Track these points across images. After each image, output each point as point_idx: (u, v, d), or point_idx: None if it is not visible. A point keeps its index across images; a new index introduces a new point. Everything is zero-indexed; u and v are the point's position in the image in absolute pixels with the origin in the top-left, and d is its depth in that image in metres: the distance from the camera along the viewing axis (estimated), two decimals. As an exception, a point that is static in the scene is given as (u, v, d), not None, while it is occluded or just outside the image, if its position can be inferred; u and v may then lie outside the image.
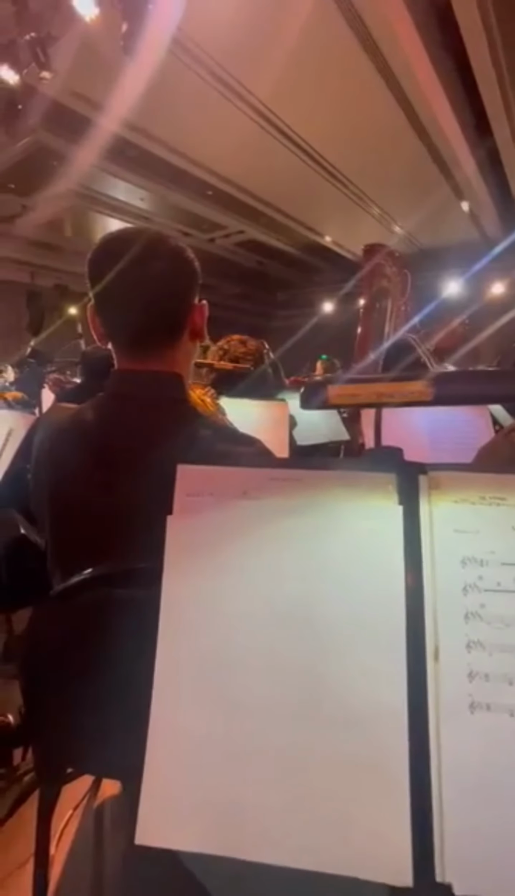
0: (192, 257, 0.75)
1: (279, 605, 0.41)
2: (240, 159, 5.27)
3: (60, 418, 0.77)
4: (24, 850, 1.08)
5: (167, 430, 0.69)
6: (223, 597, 0.43)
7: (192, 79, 3.88)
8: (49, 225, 7.21)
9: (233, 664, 0.41)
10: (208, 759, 0.39)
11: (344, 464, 0.44)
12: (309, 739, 0.38)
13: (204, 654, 0.41)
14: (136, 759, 0.76)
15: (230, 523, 0.45)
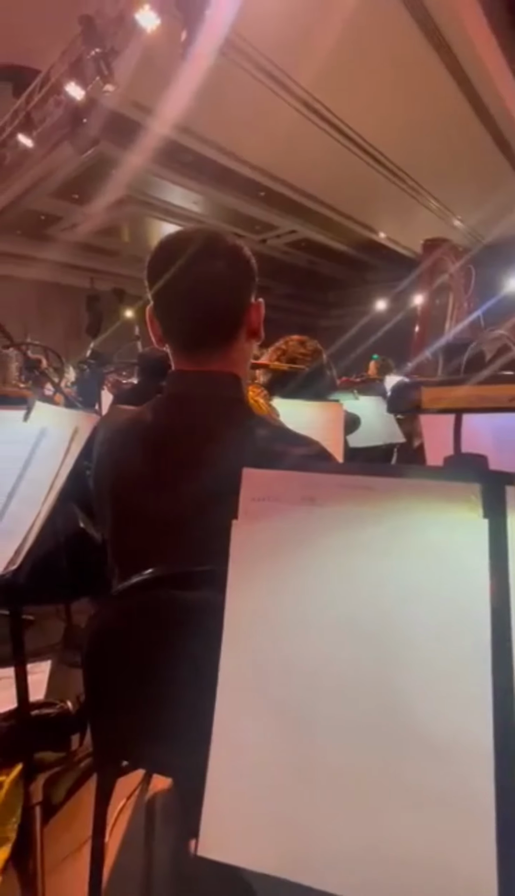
0: (249, 255, 0.74)
1: (351, 620, 0.39)
2: (292, 158, 5.24)
3: (120, 420, 0.79)
4: (80, 834, 1.13)
5: (224, 431, 0.68)
6: (291, 607, 0.41)
7: (244, 78, 3.89)
8: (108, 231, 7.54)
9: (301, 679, 0.39)
10: (273, 775, 0.38)
11: (420, 472, 0.41)
12: (381, 766, 0.35)
13: (270, 666, 0.40)
14: (188, 761, 0.77)
15: (297, 530, 0.43)
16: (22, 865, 1.07)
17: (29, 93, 4.06)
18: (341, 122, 4.60)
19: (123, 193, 6.22)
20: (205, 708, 0.51)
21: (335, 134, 4.79)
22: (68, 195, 6.11)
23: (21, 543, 0.94)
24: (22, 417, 1.16)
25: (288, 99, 4.23)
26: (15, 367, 2.62)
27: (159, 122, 4.53)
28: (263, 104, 4.24)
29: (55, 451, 1.02)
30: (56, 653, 1.81)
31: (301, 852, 0.36)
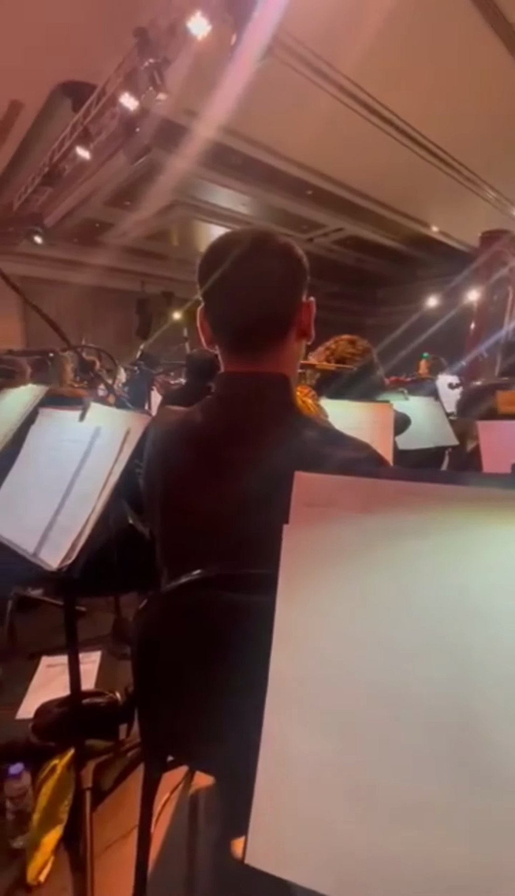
0: (301, 254, 0.72)
1: (409, 634, 0.37)
2: (341, 154, 5.16)
3: (170, 420, 0.80)
4: (126, 822, 1.16)
5: (272, 433, 0.68)
6: (344, 618, 0.40)
7: (290, 75, 3.84)
8: (157, 236, 7.75)
9: (355, 694, 0.38)
10: (324, 790, 0.37)
11: (488, 480, 0.39)
12: (446, 793, 0.34)
13: (321, 678, 0.39)
14: (232, 763, 0.77)
15: (352, 539, 0.42)
16: (73, 847, 1.11)
17: (86, 107, 4.24)
18: (391, 112, 4.46)
19: (173, 198, 6.36)
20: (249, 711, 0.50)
21: (385, 126, 4.65)
22: (120, 202, 6.33)
23: (76, 539, 0.98)
24: (78, 417, 1.21)
25: (336, 93, 4.15)
26: (71, 368, 2.75)
27: (207, 126, 4.59)
28: (310, 100, 4.19)
29: (108, 450, 1.06)
30: (105, 644, 1.88)
31: (360, 877, 0.34)
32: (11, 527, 1.14)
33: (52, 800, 1.17)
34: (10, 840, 1.10)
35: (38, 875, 1.04)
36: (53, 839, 1.11)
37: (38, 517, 1.07)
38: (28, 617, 2.03)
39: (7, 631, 1.87)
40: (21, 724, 1.43)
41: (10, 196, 6.12)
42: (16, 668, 1.73)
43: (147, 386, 2.78)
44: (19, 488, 1.24)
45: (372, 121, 4.56)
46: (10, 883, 1.04)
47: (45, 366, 2.65)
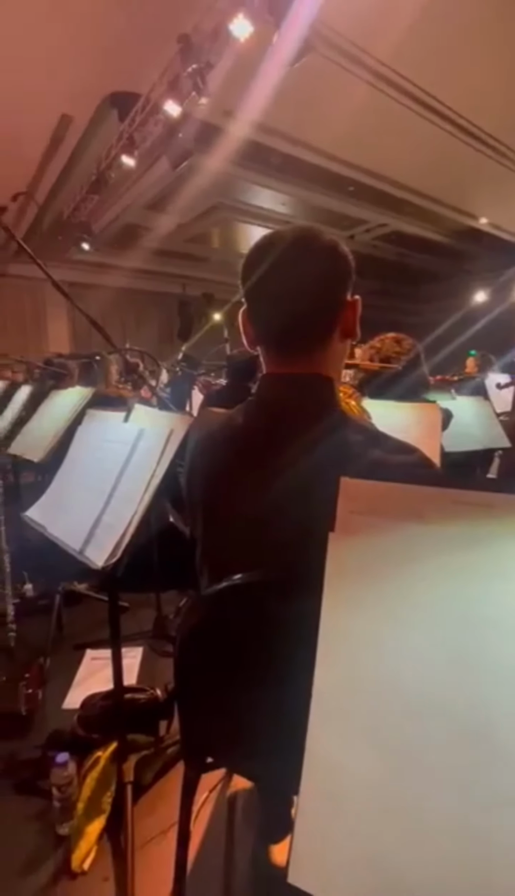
0: (345, 251, 0.70)
1: (461, 651, 0.35)
2: (383, 148, 5.03)
3: (211, 422, 0.80)
4: (165, 817, 1.18)
5: (315, 437, 0.66)
6: (393, 631, 0.38)
7: (330, 69, 3.77)
8: (198, 238, 7.86)
9: (403, 710, 0.36)
10: (368, 807, 0.35)
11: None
12: (494, 818, 0.31)
13: (367, 691, 0.37)
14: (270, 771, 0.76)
15: (402, 549, 0.40)
16: (115, 838, 1.14)
17: (131, 116, 4.36)
18: (437, 101, 4.29)
19: (213, 201, 6.43)
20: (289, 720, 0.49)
21: (431, 116, 4.49)
22: (163, 207, 6.47)
23: (120, 538, 1.00)
24: (123, 418, 1.24)
25: (378, 84, 4.04)
26: (116, 370, 2.83)
27: (246, 126, 4.61)
28: (352, 93, 4.11)
29: (152, 450, 1.07)
30: (147, 640, 1.92)
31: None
32: (60, 525, 1.18)
33: (95, 790, 1.20)
34: (56, 826, 1.15)
35: (82, 863, 1.07)
36: (97, 829, 1.14)
37: (85, 516, 1.11)
38: (74, 610, 2.11)
39: (55, 623, 1.95)
40: (67, 713, 1.49)
41: (59, 206, 6.40)
42: (62, 659, 1.79)
43: (188, 387, 2.82)
44: (67, 487, 1.29)
45: (417, 111, 4.42)
46: (55, 868, 1.08)
47: (92, 368, 2.74)
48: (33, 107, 4.37)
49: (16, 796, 1.26)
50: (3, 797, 1.25)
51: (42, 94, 4.20)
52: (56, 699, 1.59)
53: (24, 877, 1.06)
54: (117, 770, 1.21)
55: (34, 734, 1.43)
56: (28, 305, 9.64)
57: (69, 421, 1.74)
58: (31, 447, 1.90)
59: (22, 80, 3.99)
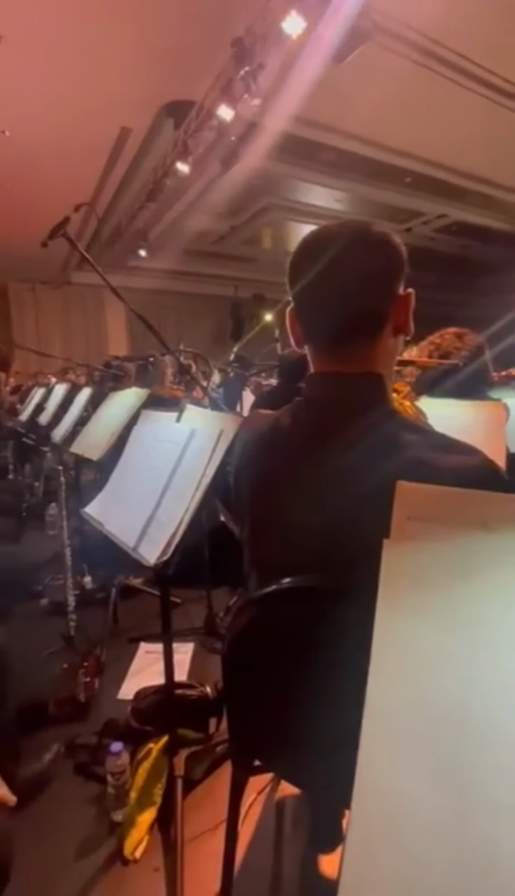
0: (397, 243, 0.67)
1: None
2: (444, 135, 4.81)
3: (259, 424, 0.79)
4: (214, 814, 1.18)
5: (365, 438, 0.63)
6: (454, 647, 0.35)
7: (385, 57, 3.64)
8: (250, 240, 7.92)
9: (465, 736, 0.33)
10: (427, 840, 0.33)
11: None
12: None
13: (425, 714, 0.34)
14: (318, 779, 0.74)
15: (464, 559, 0.37)
16: (165, 830, 1.17)
17: (186, 123, 4.46)
18: (503, 79, 4.04)
19: (265, 201, 6.45)
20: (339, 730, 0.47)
21: (496, 96, 4.23)
22: (215, 211, 6.57)
23: (172, 536, 1.02)
24: (175, 419, 1.27)
25: (437, 67, 3.85)
26: (170, 372, 2.91)
27: (298, 125, 4.57)
28: (408, 81, 3.95)
29: (203, 450, 1.08)
30: (198, 636, 1.95)
31: None
32: (116, 521, 1.22)
33: (147, 781, 1.24)
34: (110, 812, 1.19)
35: (133, 851, 1.10)
36: (148, 819, 1.17)
37: (139, 513, 1.14)
38: (129, 603, 2.18)
39: (111, 616, 2.03)
40: (121, 703, 1.54)
41: (118, 215, 6.69)
42: (118, 650, 1.86)
43: (240, 387, 2.84)
44: (123, 485, 1.34)
45: (481, 92, 4.18)
46: (109, 854, 1.11)
47: (147, 369, 2.84)
48: (95, 121, 4.59)
49: (74, 778, 1.32)
50: (63, 778, 1.31)
51: (103, 109, 4.40)
52: (111, 689, 1.66)
53: (79, 859, 1.11)
54: (168, 763, 1.24)
55: (91, 721, 1.49)
56: (90, 311, 10.19)
57: (125, 421, 1.80)
58: (90, 446, 2.00)
59: (84, 96, 4.21)
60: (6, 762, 1.12)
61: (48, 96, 4.21)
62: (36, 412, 3.70)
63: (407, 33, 3.51)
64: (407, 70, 3.83)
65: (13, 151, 5.02)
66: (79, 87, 4.09)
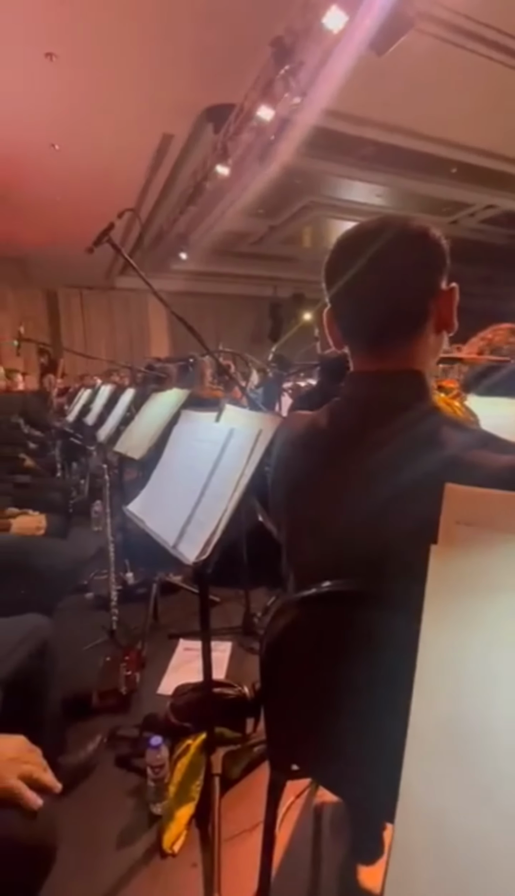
0: (437, 237, 0.64)
1: None
2: (493, 121, 4.60)
3: (297, 424, 0.78)
4: (251, 815, 1.18)
5: (406, 438, 0.60)
6: (504, 665, 0.33)
7: (426, 45, 3.50)
8: (289, 239, 7.89)
9: (512, 758, 0.30)
10: (477, 868, 0.31)
11: None
12: None
13: (476, 736, 0.32)
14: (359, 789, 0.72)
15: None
16: (203, 827, 1.17)
17: (226, 126, 4.50)
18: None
19: (305, 200, 6.41)
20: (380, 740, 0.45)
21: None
22: (255, 211, 6.60)
23: (211, 535, 1.02)
24: (214, 419, 1.28)
25: (482, 49, 3.67)
26: (209, 372, 2.95)
27: (338, 121, 4.51)
28: (451, 68, 3.80)
29: (242, 450, 1.08)
30: (236, 636, 1.96)
31: None
32: (156, 519, 1.24)
33: (185, 777, 1.25)
34: (150, 804, 1.21)
35: (172, 845, 1.12)
36: (186, 814, 1.18)
37: (178, 512, 1.15)
38: (169, 600, 2.22)
39: (152, 612, 2.07)
40: (161, 698, 1.57)
41: (160, 220, 6.85)
42: (157, 646, 1.90)
43: (278, 387, 2.83)
44: (163, 484, 1.36)
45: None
46: (148, 845, 1.14)
47: (187, 370, 2.88)
48: (139, 130, 4.72)
49: (116, 769, 1.35)
50: (104, 768, 1.35)
51: (147, 117, 4.52)
52: (151, 683, 1.69)
53: (120, 848, 1.13)
54: (206, 761, 1.25)
55: (132, 714, 1.53)
56: (133, 314, 10.50)
57: (166, 421, 1.83)
58: (133, 446, 2.05)
59: (129, 106, 4.33)
60: (52, 749, 1.16)
61: (95, 109, 4.36)
62: (82, 413, 3.85)
63: (451, 17, 3.38)
64: (449, 55, 3.68)
65: (62, 164, 5.25)
66: (123, 98, 4.22)
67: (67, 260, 7.62)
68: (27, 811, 0.64)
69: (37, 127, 4.54)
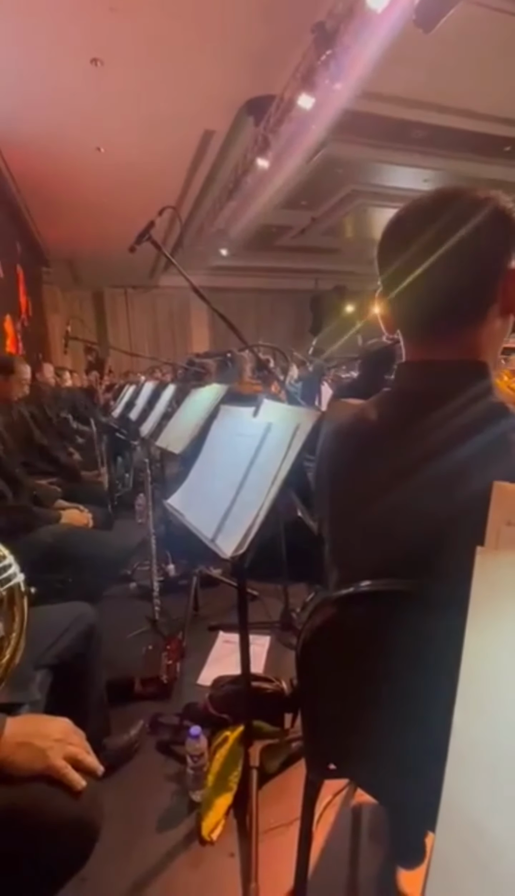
0: (506, 208, 0.57)
1: None
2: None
3: (343, 415, 0.74)
4: (288, 810, 1.18)
5: (463, 435, 0.56)
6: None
7: (473, 17, 3.29)
8: (331, 230, 7.74)
9: None
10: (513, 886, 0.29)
11: None
12: None
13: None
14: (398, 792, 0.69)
15: None
16: (240, 818, 1.19)
17: (266, 118, 4.45)
18: None
19: (347, 189, 6.26)
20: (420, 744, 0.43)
21: None
22: (297, 203, 6.51)
23: (248, 530, 1.02)
24: (252, 413, 1.27)
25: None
26: (249, 367, 2.95)
27: (384, 104, 4.35)
28: (501, 39, 3.55)
29: (279, 445, 1.07)
30: (274, 630, 1.96)
31: None
32: (195, 513, 1.26)
33: (224, 767, 1.27)
34: (189, 791, 1.24)
35: (210, 832, 1.14)
36: (225, 804, 1.20)
37: (217, 506, 1.16)
38: (209, 592, 2.26)
39: (192, 603, 2.11)
40: (200, 689, 1.60)
41: (200, 217, 6.91)
42: (197, 637, 1.93)
43: (319, 380, 2.80)
44: (202, 478, 1.37)
45: None
46: (188, 831, 1.16)
47: (227, 365, 2.90)
48: (180, 128, 4.77)
49: (157, 754, 1.39)
50: (146, 753, 1.39)
51: (188, 115, 4.55)
52: (191, 673, 1.72)
53: (160, 832, 1.16)
54: (244, 753, 1.26)
55: (172, 702, 1.57)
56: (176, 312, 10.70)
57: (206, 416, 1.85)
58: (174, 440, 2.08)
59: (170, 105, 4.38)
60: (96, 732, 1.21)
61: (137, 111, 4.44)
62: (127, 408, 3.97)
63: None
64: (499, 26, 3.45)
65: (106, 166, 5.39)
66: (165, 98, 4.26)
67: (112, 260, 7.85)
68: (72, 791, 0.67)
69: (82, 131, 4.68)
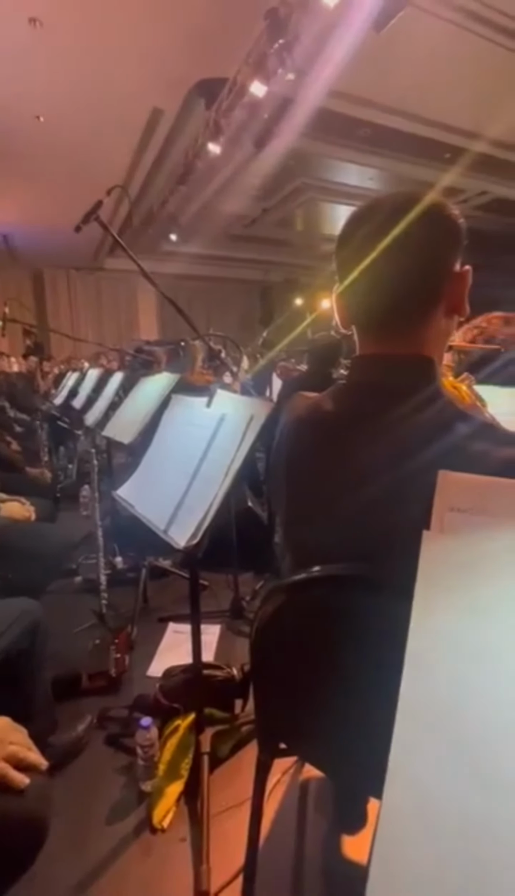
0: (453, 215, 0.62)
1: None
2: (490, 105, 4.54)
3: (300, 406, 0.77)
4: (240, 791, 1.21)
5: (412, 423, 0.60)
6: (491, 644, 0.34)
7: (424, 23, 3.41)
8: (281, 222, 7.77)
9: (504, 736, 0.32)
10: (460, 845, 0.32)
11: None
12: None
13: (466, 711, 0.33)
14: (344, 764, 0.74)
15: (505, 552, 0.35)
16: (191, 804, 1.20)
17: (218, 102, 4.36)
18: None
19: (297, 182, 6.29)
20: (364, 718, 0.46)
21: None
22: (247, 192, 6.46)
23: (201, 520, 1.02)
24: (205, 404, 1.27)
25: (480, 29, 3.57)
26: (200, 357, 2.92)
27: (333, 100, 4.40)
28: (450, 48, 3.71)
29: (233, 435, 1.08)
30: (224, 619, 1.98)
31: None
32: (146, 504, 1.24)
33: (175, 755, 1.27)
34: (140, 782, 1.24)
35: (161, 820, 1.14)
36: (176, 791, 1.21)
37: (169, 497, 1.15)
38: (159, 584, 2.24)
39: (141, 595, 2.09)
40: (150, 680, 1.59)
41: (149, 199, 6.67)
42: (147, 629, 1.92)
43: (268, 373, 2.82)
44: (154, 469, 1.35)
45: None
46: (138, 821, 1.16)
47: (178, 354, 2.85)
48: (127, 103, 4.55)
49: (105, 748, 1.37)
50: (95, 748, 1.37)
51: (135, 90, 4.36)
52: (141, 666, 1.71)
53: (110, 824, 1.16)
54: (195, 740, 1.27)
55: (122, 695, 1.55)
56: (122, 296, 10.30)
57: (156, 406, 1.82)
58: (121, 430, 2.03)
59: (116, 77, 4.17)
60: (43, 729, 1.17)
61: (80, 79, 4.19)
62: (69, 396, 3.80)
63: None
64: (448, 35, 3.60)
65: (47, 137, 5.06)
66: (110, 69, 4.05)
67: (53, 239, 7.41)
68: (15, 791, 0.65)
69: (20, 97, 4.35)
